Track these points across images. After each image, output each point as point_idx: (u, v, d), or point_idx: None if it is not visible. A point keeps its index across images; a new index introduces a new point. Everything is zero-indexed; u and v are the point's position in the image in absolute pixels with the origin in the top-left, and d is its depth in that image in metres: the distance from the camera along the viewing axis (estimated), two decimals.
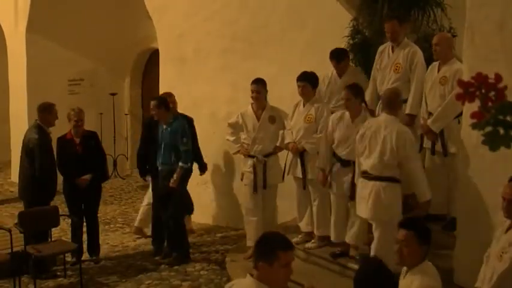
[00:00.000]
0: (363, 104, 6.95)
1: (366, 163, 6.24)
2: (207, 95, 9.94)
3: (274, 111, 7.86)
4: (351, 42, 7.73)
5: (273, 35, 9.16)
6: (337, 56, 7.47)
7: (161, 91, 10.76)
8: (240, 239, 9.07)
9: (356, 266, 6.43)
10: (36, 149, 7.89)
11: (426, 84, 6.87)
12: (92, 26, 12.72)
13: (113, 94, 13.24)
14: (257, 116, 7.86)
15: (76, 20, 12.61)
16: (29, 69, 12.50)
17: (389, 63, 7.11)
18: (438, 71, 6.72)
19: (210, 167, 9.65)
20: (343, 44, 7.85)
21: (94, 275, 7.99)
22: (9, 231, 7.67)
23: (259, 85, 7.78)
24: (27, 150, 8.01)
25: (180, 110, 8.56)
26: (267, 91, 7.81)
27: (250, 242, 7.63)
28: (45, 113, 8.09)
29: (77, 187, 8.11)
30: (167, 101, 8.27)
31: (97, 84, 13.17)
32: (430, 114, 6.69)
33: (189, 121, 8.61)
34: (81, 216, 8.24)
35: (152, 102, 8.19)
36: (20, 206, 8.83)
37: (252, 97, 7.83)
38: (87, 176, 8.13)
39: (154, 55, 12.56)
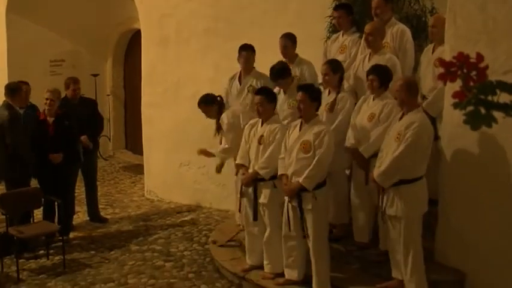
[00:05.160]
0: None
1: None
2: (189, 76, 9.91)
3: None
4: (333, 22, 7.71)
5: (256, 16, 9.13)
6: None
7: (143, 72, 10.72)
8: (223, 219, 9.10)
9: None
10: (7, 125, 7.87)
11: (420, 65, 6.84)
12: (73, 6, 12.60)
13: (95, 75, 13.15)
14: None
15: (57, 0, 12.48)
16: (10, 50, 12.38)
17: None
18: (433, 52, 6.68)
19: (192, 148, 9.63)
20: (325, 24, 7.85)
21: (77, 256, 7.98)
22: None
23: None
24: None
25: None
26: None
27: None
28: (14, 94, 8.16)
29: (48, 168, 8.10)
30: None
31: (79, 65, 13.06)
32: (424, 97, 6.58)
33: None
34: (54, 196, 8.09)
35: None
36: (1, 188, 8.77)
37: None
38: (59, 154, 8.15)
39: (136, 36, 12.47)
